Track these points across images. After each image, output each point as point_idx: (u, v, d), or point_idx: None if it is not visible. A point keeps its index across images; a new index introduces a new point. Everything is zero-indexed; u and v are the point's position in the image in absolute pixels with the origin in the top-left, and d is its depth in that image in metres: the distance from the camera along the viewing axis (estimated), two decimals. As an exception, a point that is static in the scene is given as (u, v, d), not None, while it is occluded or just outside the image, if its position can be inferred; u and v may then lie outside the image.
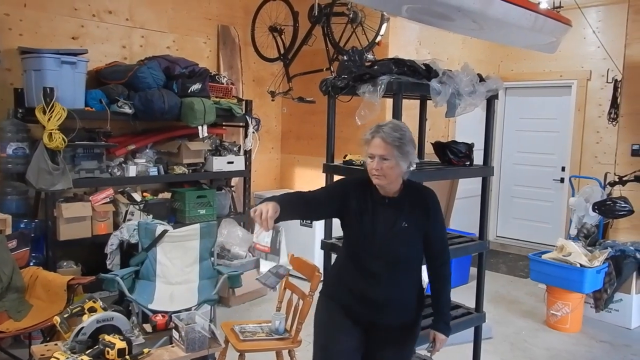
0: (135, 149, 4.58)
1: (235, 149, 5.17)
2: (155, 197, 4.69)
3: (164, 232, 3.82)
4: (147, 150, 4.65)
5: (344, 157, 2.98)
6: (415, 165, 2.07)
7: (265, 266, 2.11)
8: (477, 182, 4.55)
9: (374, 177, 2.02)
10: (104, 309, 2.61)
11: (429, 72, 2.64)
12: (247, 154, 5.18)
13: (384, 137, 1.99)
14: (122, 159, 4.48)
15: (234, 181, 5.48)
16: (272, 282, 2.20)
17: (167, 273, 3.76)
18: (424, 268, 2.17)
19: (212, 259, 3.83)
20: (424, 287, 2.22)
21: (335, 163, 2.95)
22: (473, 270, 5.54)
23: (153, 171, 4.56)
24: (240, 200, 5.42)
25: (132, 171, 4.43)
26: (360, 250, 2.01)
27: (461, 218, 6.20)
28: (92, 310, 2.59)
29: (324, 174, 2.91)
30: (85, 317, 2.53)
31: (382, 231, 2.02)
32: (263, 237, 1.76)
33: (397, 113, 2.51)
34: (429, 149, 3.35)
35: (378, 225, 2.02)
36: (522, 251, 6.90)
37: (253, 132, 5.08)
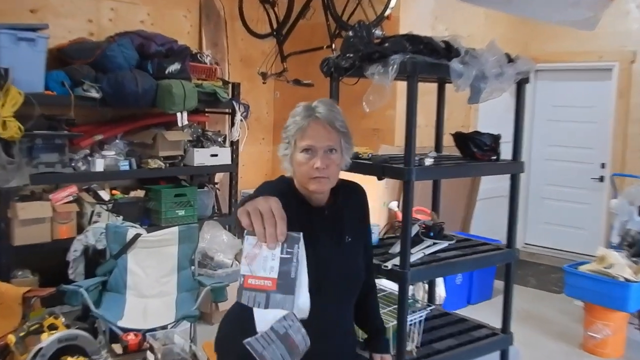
0: (103, 140, 4.58)
1: (219, 139, 5.18)
2: (126, 196, 4.70)
3: (137, 236, 3.83)
4: (117, 141, 4.64)
5: (349, 150, 2.96)
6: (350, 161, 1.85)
7: (264, 317, 1.28)
8: (497, 180, 4.51)
9: (312, 182, 1.75)
10: (67, 327, 2.64)
11: (449, 51, 2.63)
12: (234, 145, 5.21)
13: (328, 120, 1.76)
14: (88, 151, 4.48)
15: (219, 177, 5.50)
16: (275, 355, 1.33)
17: (139, 284, 3.77)
18: None
19: (193, 268, 3.83)
20: None
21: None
22: (497, 284, 5.53)
23: (124, 165, 4.55)
24: (226, 199, 5.42)
25: (99, 165, 4.43)
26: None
27: (477, 223, 6.15)
28: (52, 327, 2.61)
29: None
30: (44, 335, 2.53)
31: (328, 256, 1.76)
32: (263, 262, 1.26)
33: (412, 98, 2.50)
34: (447, 141, 3.37)
35: (321, 250, 1.72)
36: (554, 262, 6.91)
37: (241, 120, 5.10)
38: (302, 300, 1.25)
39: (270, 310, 1.23)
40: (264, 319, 1.24)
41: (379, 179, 2.69)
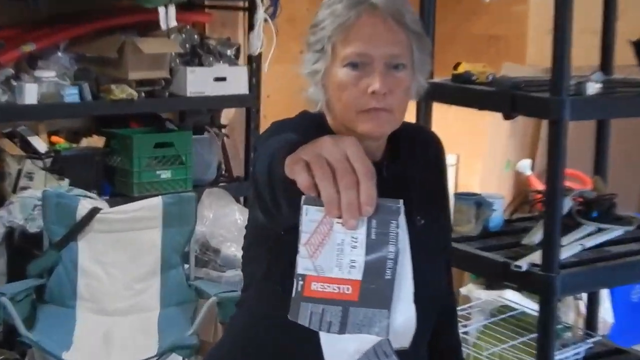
0: (37, 52, 4.52)
1: (229, 53, 5.13)
2: (74, 146, 4.67)
3: (93, 212, 3.84)
4: (59, 55, 4.61)
5: (454, 69, 3.02)
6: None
7: (338, 347, 1.29)
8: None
9: (364, 118, 1.74)
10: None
11: None
12: (254, 63, 5.15)
13: (390, 10, 1.73)
14: (12, 72, 4.45)
15: (227, 116, 5.51)
16: None
17: (98, 293, 3.81)
18: None
19: (187, 267, 3.88)
20: None
21: (436, 80, 2.90)
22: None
23: (71, 95, 4.46)
24: (240, 153, 5.41)
25: (29, 94, 4.33)
26: None
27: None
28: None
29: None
30: None
31: None
32: (338, 253, 1.18)
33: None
34: (622, 54, 3.39)
35: None
36: None
37: (265, 21, 4.98)
38: (404, 317, 1.19)
39: (349, 336, 1.17)
40: (339, 350, 1.21)
41: (506, 117, 2.81)
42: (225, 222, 4.66)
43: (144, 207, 3.93)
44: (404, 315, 1.19)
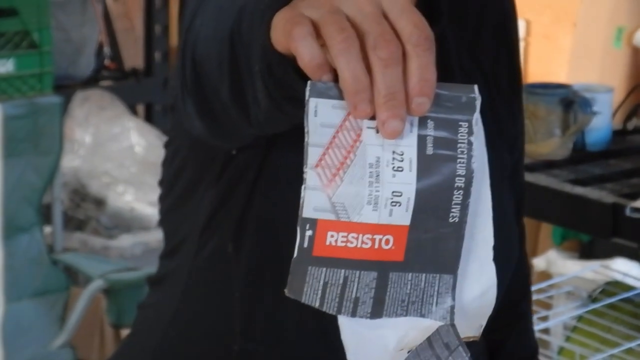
0: None
1: None
2: None
3: None
4: None
5: None
6: None
7: (369, 341, 0.54)
8: None
9: None
10: None
11: None
12: None
13: None
14: None
15: None
16: None
17: None
18: None
19: (48, 229, 3.54)
20: None
21: None
22: None
23: None
24: (137, 26, 4.82)
25: None
26: None
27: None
28: None
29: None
30: None
31: None
32: (370, 180, 0.46)
33: None
34: None
35: None
36: None
37: None
38: (478, 287, 0.94)
39: (388, 322, 0.91)
40: (371, 345, 0.94)
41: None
42: (113, 149, 4.15)
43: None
44: (478, 283, 0.94)
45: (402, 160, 0.86)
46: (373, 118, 0.83)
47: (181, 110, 1.33)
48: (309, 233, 0.87)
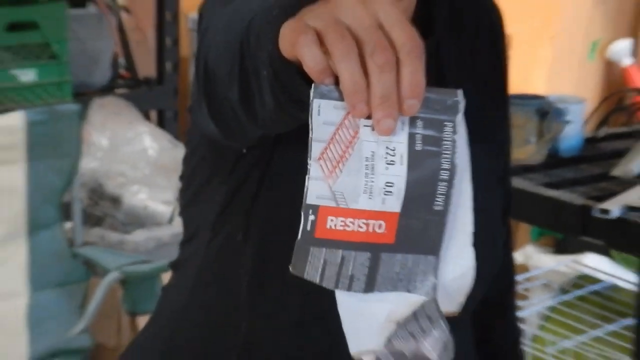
0: None
1: None
2: None
3: None
4: None
5: None
6: None
7: (363, 315, 0.81)
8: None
9: None
10: None
11: None
12: None
13: None
14: None
15: None
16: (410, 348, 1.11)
17: None
18: None
19: (69, 225, 3.57)
20: None
21: None
22: None
23: None
24: (149, 39, 4.87)
25: None
26: None
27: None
28: None
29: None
30: None
31: None
32: (367, 171, 0.79)
33: None
34: None
35: None
36: None
37: None
38: (458, 267, 1.04)
39: (379, 296, 1.01)
40: (363, 318, 1.03)
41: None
42: (127, 152, 4.15)
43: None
44: (458, 264, 1.04)
45: (394, 155, 0.96)
46: (369, 117, 0.94)
47: (197, 114, 1.45)
48: (311, 218, 0.98)
